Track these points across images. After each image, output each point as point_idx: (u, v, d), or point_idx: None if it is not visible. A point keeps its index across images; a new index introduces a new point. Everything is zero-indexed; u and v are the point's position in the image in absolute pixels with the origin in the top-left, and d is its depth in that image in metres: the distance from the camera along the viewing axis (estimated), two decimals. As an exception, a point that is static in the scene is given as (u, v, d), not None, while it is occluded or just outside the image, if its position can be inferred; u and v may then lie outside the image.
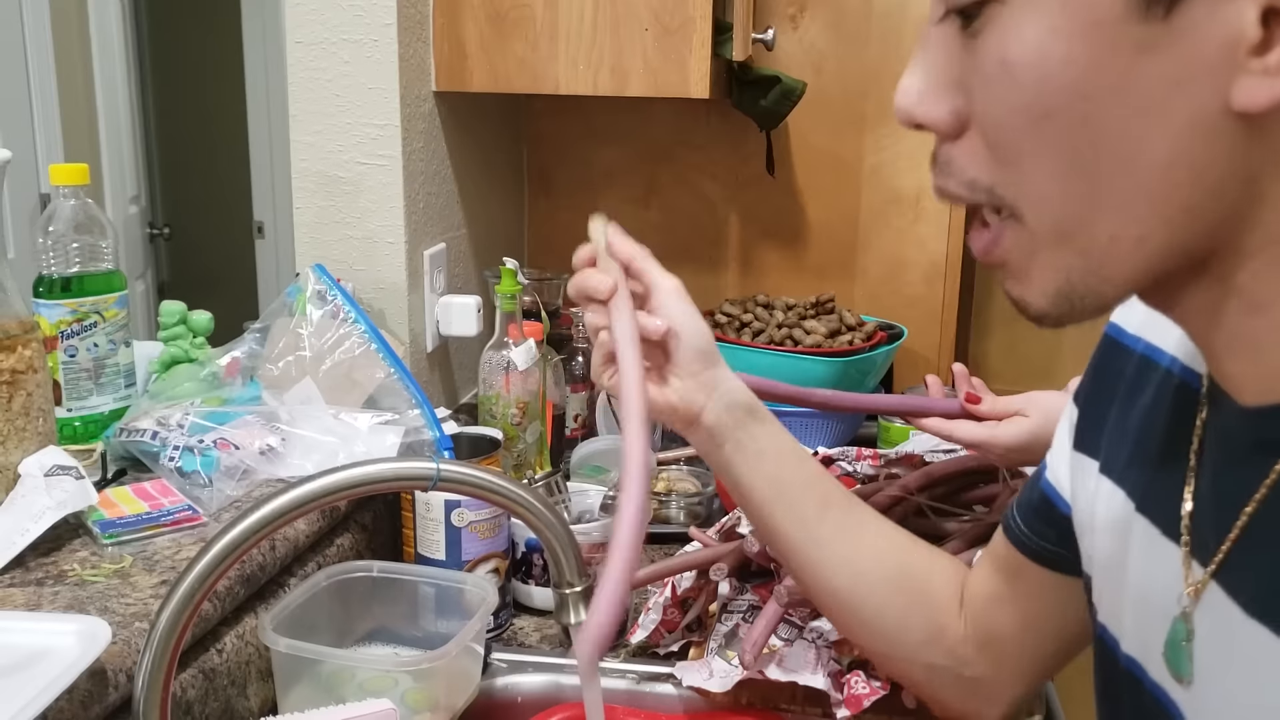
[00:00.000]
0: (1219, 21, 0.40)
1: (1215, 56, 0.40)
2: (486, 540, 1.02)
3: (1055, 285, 0.47)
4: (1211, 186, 0.43)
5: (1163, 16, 0.40)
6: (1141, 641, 0.55)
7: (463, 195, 1.45)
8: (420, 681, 0.87)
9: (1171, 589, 0.52)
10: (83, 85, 2.67)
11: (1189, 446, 0.52)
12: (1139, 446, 0.58)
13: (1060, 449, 0.68)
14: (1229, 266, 0.45)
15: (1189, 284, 0.47)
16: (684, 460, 1.35)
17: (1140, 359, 0.60)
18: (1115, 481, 0.59)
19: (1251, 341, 0.46)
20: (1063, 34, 0.42)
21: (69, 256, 1.05)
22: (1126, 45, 0.41)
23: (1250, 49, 0.40)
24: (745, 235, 1.72)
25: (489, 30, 1.29)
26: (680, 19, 1.25)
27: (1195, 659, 0.50)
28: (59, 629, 0.71)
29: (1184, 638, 0.51)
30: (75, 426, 1.06)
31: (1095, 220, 0.45)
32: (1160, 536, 0.54)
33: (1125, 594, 0.57)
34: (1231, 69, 0.40)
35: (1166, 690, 0.53)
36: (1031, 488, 0.72)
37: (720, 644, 0.96)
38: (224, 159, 3.60)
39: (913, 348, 1.67)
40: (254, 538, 0.65)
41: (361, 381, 1.12)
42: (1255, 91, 0.40)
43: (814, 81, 1.60)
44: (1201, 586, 0.50)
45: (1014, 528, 0.72)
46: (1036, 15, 0.43)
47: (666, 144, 1.71)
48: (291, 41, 1.24)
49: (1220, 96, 0.41)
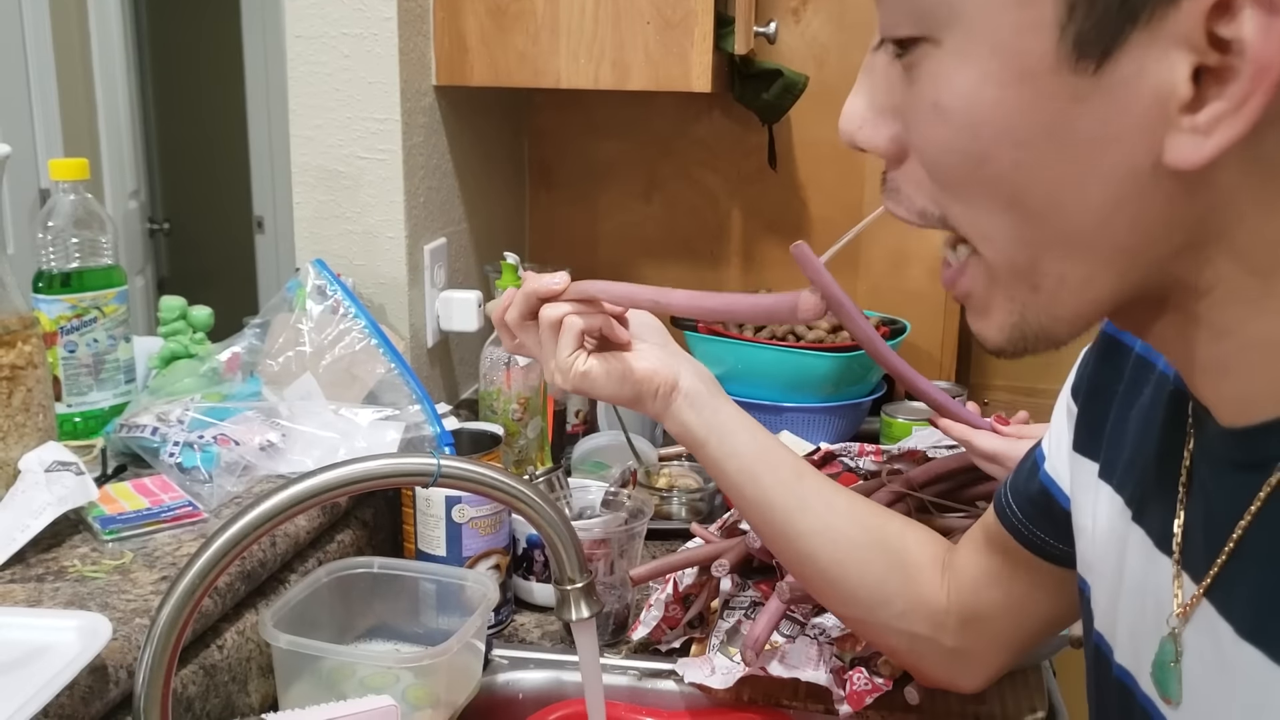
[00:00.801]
0: (1150, 77, 0.39)
1: (1147, 112, 0.40)
2: (487, 536, 1.02)
3: (1010, 320, 0.47)
4: (1153, 232, 0.43)
5: (1093, 71, 0.40)
6: (1134, 654, 0.55)
7: (463, 190, 1.44)
8: (421, 678, 0.87)
9: (1163, 605, 0.51)
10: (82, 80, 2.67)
11: (1180, 459, 0.52)
12: (1135, 451, 0.57)
13: (1059, 442, 0.68)
14: (1188, 297, 0.45)
15: (1154, 314, 0.47)
16: (685, 456, 1.35)
17: (1137, 357, 0.59)
18: (1114, 488, 0.59)
19: (1221, 366, 0.46)
20: (995, 81, 0.41)
21: (69, 252, 1.05)
22: (1059, 96, 0.41)
23: (1181, 106, 0.39)
24: (747, 230, 1.71)
25: (489, 24, 1.29)
26: (682, 12, 1.25)
27: (1184, 680, 0.49)
28: (59, 625, 0.71)
29: (1171, 658, 0.50)
30: (75, 422, 1.06)
31: (1041, 259, 0.44)
32: (1153, 549, 0.53)
33: (1120, 604, 0.56)
34: (1164, 125, 0.39)
35: (1156, 706, 0.52)
36: (1029, 477, 0.71)
37: (722, 640, 0.96)
38: (224, 154, 3.60)
39: (915, 343, 1.66)
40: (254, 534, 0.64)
41: (362, 377, 1.11)
42: (1186, 150, 0.39)
43: (816, 75, 1.60)
44: (1193, 605, 0.49)
45: (1009, 513, 0.72)
46: (969, 61, 0.42)
47: (668, 138, 1.70)
48: (291, 35, 1.24)
49: (1154, 151, 0.40)
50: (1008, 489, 0.73)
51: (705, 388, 0.79)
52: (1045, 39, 0.40)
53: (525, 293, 0.77)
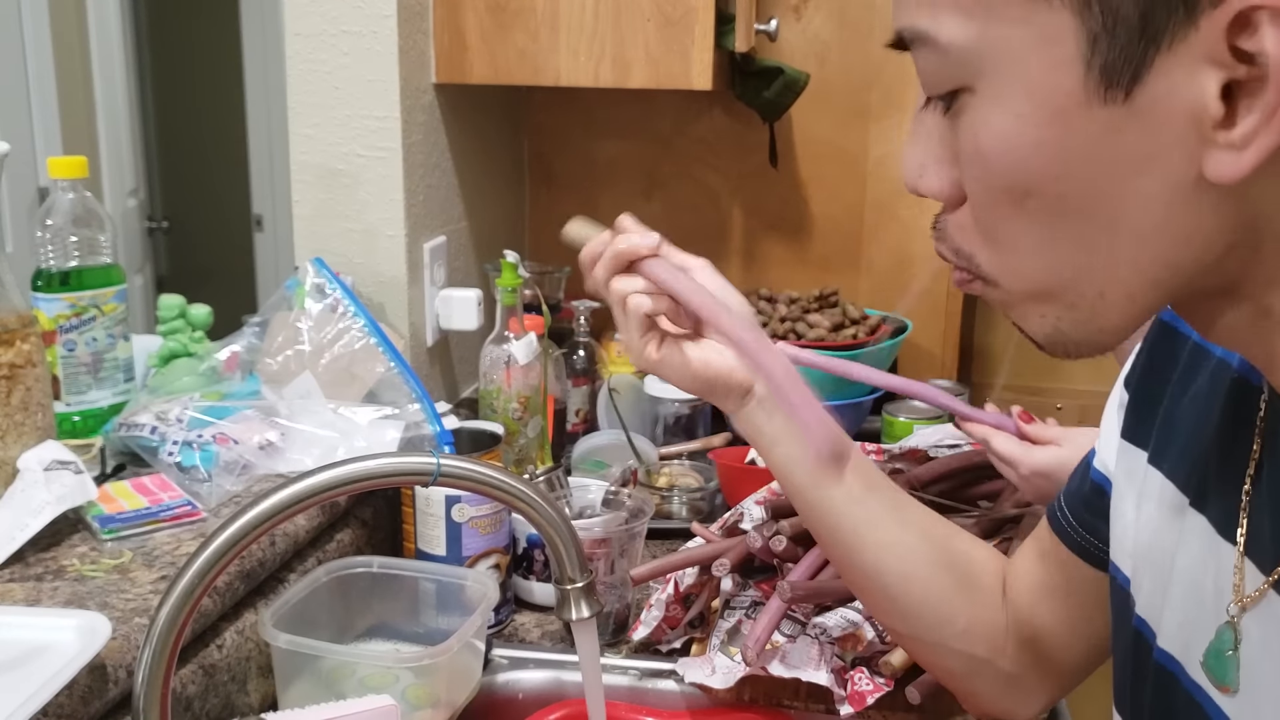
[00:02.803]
0: (1181, 98, 0.40)
1: (1183, 132, 0.40)
2: (487, 536, 1.01)
3: (1044, 330, 0.48)
4: (1197, 242, 0.43)
5: (1123, 100, 0.40)
6: (1182, 641, 0.54)
7: (463, 188, 1.44)
8: (421, 678, 0.87)
9: (1223, 592, 0.51)
10: (81, 78, 2.67)
11: (1249, 447, 0.51)
12: (1192, 439, 0.57)
13: (1109, 435, 0.66)
14: (1246, 293, 0.45)
15: (1217, 310, 0.47)
16: (686, 455, 1.34)
17: (1194, 346, 0.59)
18: (1165, 474, 0.58)
19: None
20: (1030, 121, 0.43)
21: (67, 250, 1.04)
22: (1094, 128, 0.41)
23: (1215, 123, 0.40)
24: (748, 228, 1.71)
25: (489, 21, 1.29)
26: (682, 9, 1.24)
27: (1243, 668, 0.50)
28: (58, 624, 0.71)
29: (1229, 646, 0.50)
30: (74, 421, 1.06)
31: (1081, 282, 0.45)
32: (1215, 536, 0.53)
33: (1170, 590, 0.56)
34: (1200, 142, 0.40)
35: (1207, 692, 0.52)
36: (1081, 478, 0.70)
37: (723, 640, 0.96)
38: (223, 152, 3.60)
39: (917, 341, 1.66)
40: (254, 533, 0.64)
41: (361, 376, 1.11)
42: (1226, 165, 0.40)
43: (817, 73, 1.60)
44: (1259, 595, 0.49)
45: (1060, 520, 0.71)
46: (1003, 104, 0.43)
47: (668, 136, 1.70)
48: (290, 33, 1.23)
49: (1194, 167, 0.41)
50: (1061, 496, 0.72)
51: None
52: (1073, 75, 0.41)
53: (615, 252, 0.72)
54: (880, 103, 1.64)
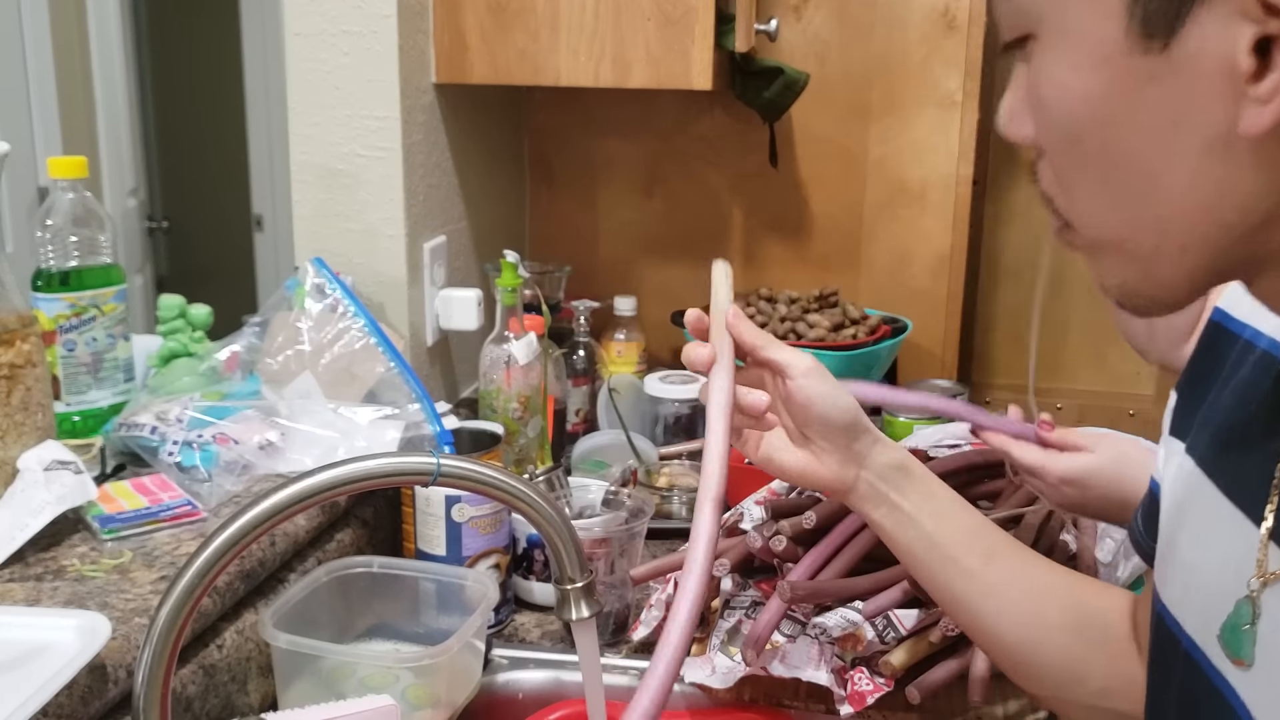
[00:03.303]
0: (1215, 51, 0.42)
1: (1217, 85, 0.42)
2: (487, 536, 1.01)
3: (1116, 283, 0.50)
4: (1242, 201, 0.44)
5: (1160, 50, 0.43)
6: (1203, 623, 0.55)
7: (463, 188, 1.44)
8: (421, 678, 0.87)
9: (1244, 570, 0.51)
10: (81, 78, 2.67)
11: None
12: (1225, 424, 0.57)
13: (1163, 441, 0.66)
14: None
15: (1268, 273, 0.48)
16: (686, 455, 1.34)
17: (1244, 344, 0.59)
18: (1197, 461, 0.58)
19: None
20: (1080, 69, 0.46)
21: (67, 250, 1.04)
22: (1135, 76, 0.44)
23: (1246, 77, 0.41)
24: (748, 228, 1.71)
25: (489, 21, 1.29)
26: (682, 9, 1.24)
27: (1259, 642, 0.50)
28: (58, 624, 0.71)
29: (1247, 620, 0.51)
30: (74, 421, 1.06)
31: (1136, 233, 0.48)
32: (1242, 518, 0.53)
33: (1196, 574, 0.56)
34: (1235, 97, 0.42)
35: (1224, 675, 0.52)
36: (1148, 494, 0.69)
37: (723, 640, 0.96)
38: (223, 152, 3.59)
39: (917, 341, 1.66)
40: (254, 533, 0.64)
41: (361, 376, 1.11)
42: (1255, 118, 0.42)
43: (817, 72, 1.59)
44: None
45: (1141, 543, 0.69)
46: (1058, 53, 0.47)
47: (669, 136, 1.70)
48: (290, 33, 1.23)
49: (1229, 120, 0.42)
50: (1135, 515, 0.71)
51: (885, 485, 0.73)
52: (1116, 24, 0.44)
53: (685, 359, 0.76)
54: (880, 102, 1.64)
